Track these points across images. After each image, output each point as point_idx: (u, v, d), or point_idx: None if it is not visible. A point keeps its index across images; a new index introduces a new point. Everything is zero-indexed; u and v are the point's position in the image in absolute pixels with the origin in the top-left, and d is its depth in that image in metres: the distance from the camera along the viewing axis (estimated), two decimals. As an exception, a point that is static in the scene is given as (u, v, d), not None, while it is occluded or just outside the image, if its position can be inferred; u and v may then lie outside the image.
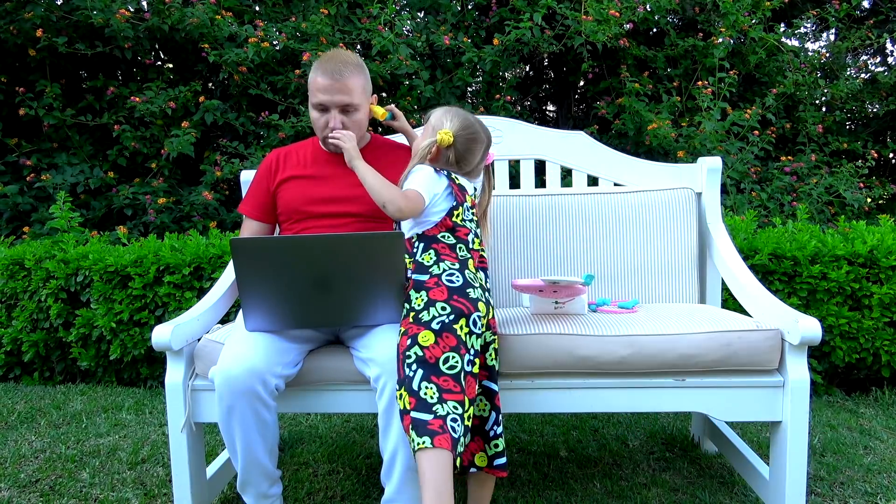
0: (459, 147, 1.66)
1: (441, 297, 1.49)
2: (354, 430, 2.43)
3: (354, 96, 1.78)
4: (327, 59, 1.79)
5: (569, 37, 4.29)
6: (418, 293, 1.52)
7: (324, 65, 1.78)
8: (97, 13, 3.90)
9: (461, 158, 1.67)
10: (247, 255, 1.43)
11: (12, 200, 3.97)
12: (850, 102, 4.94)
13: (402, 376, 1.43)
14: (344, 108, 1.79)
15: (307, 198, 1.84)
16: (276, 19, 4.45)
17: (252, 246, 1.42)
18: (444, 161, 1.68)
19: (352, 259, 1.44)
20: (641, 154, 4.08)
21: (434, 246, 1.60)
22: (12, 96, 4.18)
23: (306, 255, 1.43)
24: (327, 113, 1.79)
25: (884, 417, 2.45)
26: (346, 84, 1.77)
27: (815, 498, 1.82)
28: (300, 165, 1.89)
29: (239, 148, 4.06)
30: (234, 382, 1.48)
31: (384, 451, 1.50)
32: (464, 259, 1.59)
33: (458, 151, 1.66)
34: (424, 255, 1.59)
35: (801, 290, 2.59)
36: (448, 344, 1.44)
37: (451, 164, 1.68)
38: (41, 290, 2.97)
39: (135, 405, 2.69)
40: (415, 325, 1.47)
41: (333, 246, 1.43)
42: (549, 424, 2.44)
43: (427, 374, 1.40)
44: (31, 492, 1.94)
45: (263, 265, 1.44)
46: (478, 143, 1.69)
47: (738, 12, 4.25)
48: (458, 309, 1.48)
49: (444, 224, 1.61)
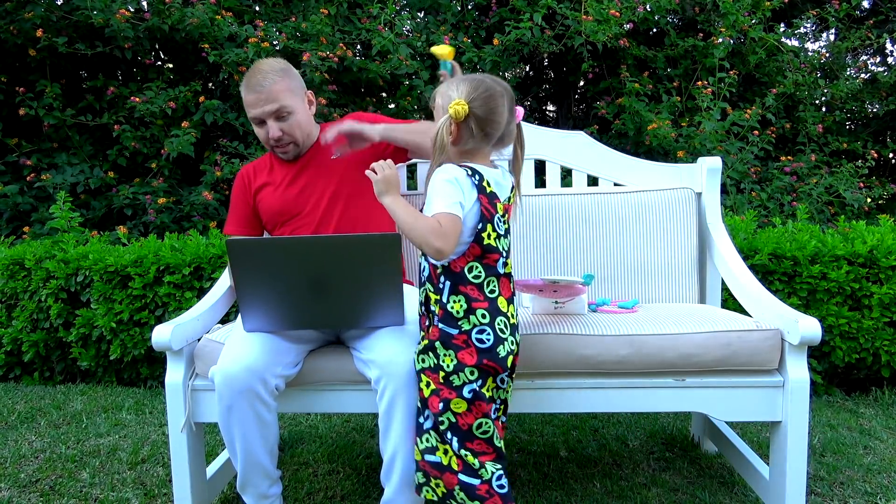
0: (479, 112, 1.39)
1: (471, 362, 1.39)
2: (354, 430, 2.43)
3: (283, 100, 1.79)
4: (249, 74, 1.81)
5: (569, 37, 4.29)
6: (447, 350, 1.40)
7: (246, 80, 1.80)
8: (97, 13, 3.90)
9: (487, 124, 1.40)
10: (243, 256, 1.43)
11: (12, 200, 3.97)
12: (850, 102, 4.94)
13: (440, 435, 1.40)
14: (277, 115, 1.80)
15: (286, 199, 1.87)
16: (276, 19, 4.45)
17: (249, 246, 1.43)
18: (469, 137, 1.41)
19: (348, 260, 1.44)
20: (641, 154, 4.08)
21: (463, 289, 1.40)
22: (12, 96, 4.18)
23: (303, 255, 1.43)
24: (263, 125, 1.82)
25: (884, 417, 2.45)
26: (270, 92, 1.78)
27: (815, 498, 1.82)
28: (269, 174, 1.93)
29: (239, 148, 4.06)
30: (233, 382, 1.48)
31: (384, 452, 1.51)
32: (494, 299, 1.42)
33: (479, 118, 1.39)
34: (454, 302, 1.41)
35: (800, 290, 2.59)
36: (480, 411, 1.40)
37: (480, 139, 1.42)
38: (41, 290, 2.97)
39: (135, 405, 2.69)
40: (445, 387, 1.40)
41: (330, 246, 1.43)
42: (549, 424, 2.44)
43: (462, 440, 1.39)
44: (31, 492, 1.94)
45: (260, 266, 1.44)
46: (497, 98, 1.41)
47: (738, 12, 4.25)
48: (486, 373, 1.40)
49: (472, 253, 1.41)
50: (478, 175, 1.41)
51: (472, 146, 1.43)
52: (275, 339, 1.57)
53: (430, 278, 1.45)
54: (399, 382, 1.47)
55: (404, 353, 1.49)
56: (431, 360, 1.42)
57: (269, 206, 1.90)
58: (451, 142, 1.41)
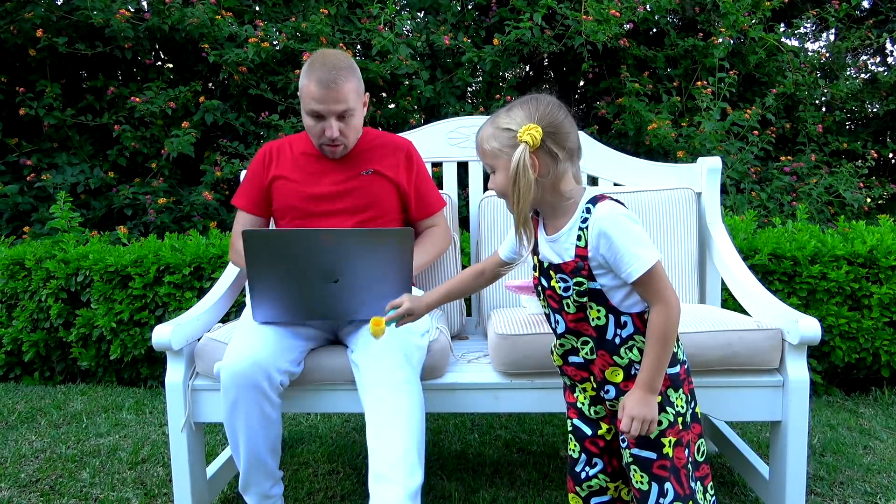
0: (551, 129, 1.20)
1: (687, 389, 1.29)
2: (354, 430, 2.43)
3: (350, 102, 1.73)
4: (319, 65, 1.72)
5: (569, 37, 4.29)
6: (676, 392, 1.26)
7: (316, 72, 1.70)
8: (97, 13, 3.90)
9: (565, 139, 1.22)
10: (259, 247, 1.44)
11: (12, 200, 3.97)
12: (850, 102, 4.94)
13: (687, 493, 1.25)
14: (340, 115, 1.74)
15: (303, 195, 1.83)
16: (276, 19, 4.45)
17: (264, 237, 1.44)
18: (552, 163, 1.22)
19: (361, 253, 1.45)
20: (641, 154, 4.08)
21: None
22: (12, 96, 4.18)
23: (317, 247, 1.44)
24: (323, 121, 1.74)
25: (883, 417, 2.45)
26: (340, 92, 1.70)
27: (815, 498, 1.82)
28: (293, 163, 1.87)
29: (239, 148, 4.06)
30: (239, 377, 1.48)
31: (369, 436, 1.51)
32: None
33: (554, 136, 1.21)
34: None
35: (800, 290, 2.59)
36: (696, 432, 1.30)
37: (565, 158, 1.23)
38: (41, 290, 2.97)
39: (135, 405, 2.69)
40: (684, 431, 1.26)
41: (344, 240, 1.44)
42: (549, 424, 2.44)
43: (694, 470, 1.29)
44: (32, 491, 1.94)
45: (274, 256, 1.46)
46: (555, 108, 1.23)
47: (738, 12, 4.25)
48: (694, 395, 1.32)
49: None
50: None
51: (560, 170, 1.23)
52: (280, 335, 1.57)
53: (637, 331, 1.25)
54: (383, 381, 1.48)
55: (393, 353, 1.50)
56: (669, 416, 1.24)
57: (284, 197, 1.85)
58: (538, 175, 1.20)
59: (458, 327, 2.10)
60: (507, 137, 1.21)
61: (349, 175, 1.84)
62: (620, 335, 1.25)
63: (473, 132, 2.25)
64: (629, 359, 1.26)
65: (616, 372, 1.27)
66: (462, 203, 3.55)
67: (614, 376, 1.28)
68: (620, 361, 1.26)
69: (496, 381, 1.66)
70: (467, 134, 2.25)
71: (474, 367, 1.75)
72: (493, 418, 2.51)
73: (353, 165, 1.86)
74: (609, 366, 1.28)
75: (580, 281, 1.25)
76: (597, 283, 1.24)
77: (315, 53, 1.77)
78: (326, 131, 1.74)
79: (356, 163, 1.86)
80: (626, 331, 1.25)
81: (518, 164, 1.18)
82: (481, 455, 2.17)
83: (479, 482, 1.96)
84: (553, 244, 1.30)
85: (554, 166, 1.22)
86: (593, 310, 1.26)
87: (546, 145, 1.20)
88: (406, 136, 2.22)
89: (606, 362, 1.28)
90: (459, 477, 2.00)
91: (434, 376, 1.66)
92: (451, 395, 1.66)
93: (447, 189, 2.25)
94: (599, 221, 1.21)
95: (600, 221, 1.21)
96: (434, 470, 2.05)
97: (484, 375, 1.69)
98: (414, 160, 1.93)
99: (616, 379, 1.28)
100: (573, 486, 1.39)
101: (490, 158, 1.26)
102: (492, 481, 1.96)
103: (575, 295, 1.26)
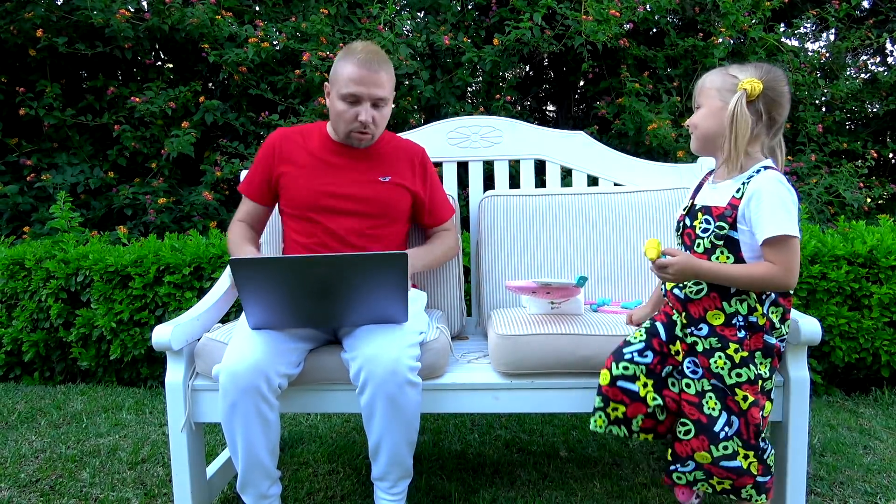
0: (771, 93, 1.36)
1: (777, 364, 1.47)
2: (354, 430, 2.43)
3: (387, 91, 1.74)
4: (360, 50, 1.71)
5: (569, 37, 4.29)
6: (765, 359, 1.43)
7: (357, 55, 1.70)
8: (97, 13, 3.90)
9: (775, 107, 1.37)
10: (248, 274, 1.43)
11: (12, 200, 3.97)
12: (850, 102, 4.93)
13: (754, 443, 1.41)
14: (375, 102, 1.73)
15: (312, 191, 1.82)
16: (276, 19, 4.45)
17: (252, 265, 1.42)
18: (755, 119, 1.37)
19: (355, 276, 1.44)
20: (641, 154, 4.08)
21: (782, 301, 1.43)
22: (12, 96, 4.18)
23: (308, 272, 1.43)
24: (357, 105, 1.72)
25: (883, 417, 2.45)
26: (380, 77, 1.71)
27: (815, 498, 1.82)
28: (305, 154, 1.85)
29: (239, 148, 4.06)
30: (238, 379, 1.48)
31: (369, 434, 1.55)
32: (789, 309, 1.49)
33: (769, 100, 1.36)
34: (775, 311, 1.43)
35: (800, 290, 2.59)
36: (764, 406, 1.45)
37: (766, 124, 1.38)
38: (41, 290, 2.97)
39: (135, 405, 2.69)
40: (761, 395, 1.43)
41: (336, 264, 1.42)
42: (549, 424, 2.44)
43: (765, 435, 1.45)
44: (32, 491, 1.94)
45: (264, 282, 1.45)
46: (784, 82, 1.38)
47: (738, 12, 4.25)
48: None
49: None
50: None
51: (756, 131, 1.38)
52: (279, 337, 1.57)
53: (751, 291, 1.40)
54: (379, 378, 1.49)
55: (389, 350, 1.51)
56: (751, 373, 1.40)
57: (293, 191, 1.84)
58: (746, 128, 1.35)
59: (458, 327, 2.10)
60: (730, 83, 1.37)
61: (366, 178, 1.84)
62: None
63: (473, 132, 2.28)
64: (736, 310, 1.40)
65: (718, 316, 1.42)
66: (462, 203, 3.55)
67: (714, 319, 1.42)
68: (728, 309, 1.41)
69: (496, 382, 1.66)
70: (467, 134, 2.25)
71: (474, 367, 1.75)
72: (493, 418, 2.51)
73: (370, 167, 1.85)
74: (714, 308, 1.42)
75: (722, 226, 1.40)
76: (736, 232, 1.39)
77: (351, 44, 1.77)
78: (361, 115, 1.72)
79: (372, 164, 1.86)
80: None
81: (735, 105, 1.34)
82: (481, 455, 2.17)
83: (478, 482, 1.96)
84: (713, 190, 1.46)
85: (754, 125, 1.36)
86: (723, 255, 1.41)
87: (757, 104, 1.35)
88: (406, 136, 2.22)
89: (715, 305, 1.42)
90: (459, 477, 2.00)
91: (434, 376, 1.66)
92: (451, 395, 1.66)
93: (447, 189, 2.25)
94: (760, 182, 1.36)
95: (760, 182, 1.36)
96: (434, 470, 2.05)
97: (484, 375, 1.69)
98: (428, 169, 1.95)
99: (715, 322, 1.42)
100: (611, 362, 1.52)
101: (703, 96, 1.42)
102: (492, 481, 1.96)
103: (713, 237, 1.41)
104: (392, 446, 1.54)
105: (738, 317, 1.40)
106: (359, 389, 1.52)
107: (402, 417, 1.52)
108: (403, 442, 1.55)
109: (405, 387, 1.50)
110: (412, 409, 1.53)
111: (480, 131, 2.25)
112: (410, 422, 1.54)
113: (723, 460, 1.41)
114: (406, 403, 1.51)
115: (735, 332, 1.41)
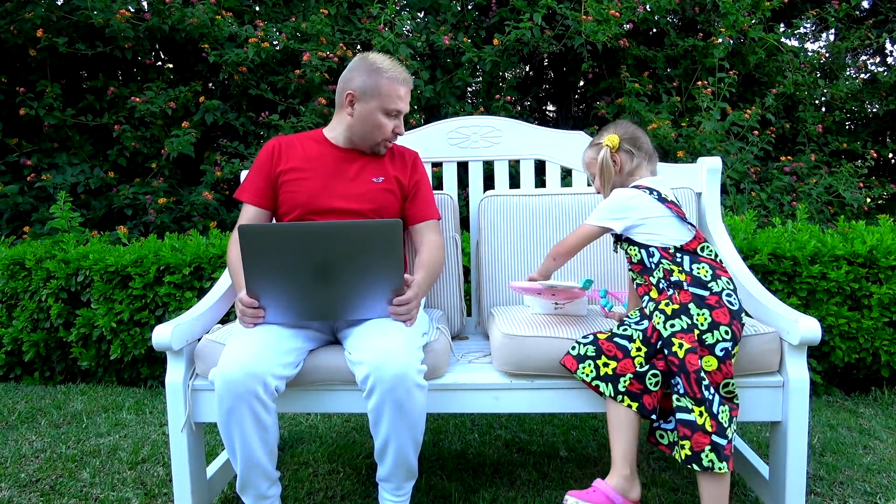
0: (626, 137, 1.72)
1: (724, 321, 1.52)
2: (354, 430, 2.43)
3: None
4: (390, 66, 1.83)
5: (569, 37, 4.29)
6: (700, 310, 1.54)
7: (393, 71, 1.82)
8: (97, 13, 3.90)
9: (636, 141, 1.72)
10: (254, 241, 1.48)
11: (12, 200, 3.97)
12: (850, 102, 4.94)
13: (699, 396, 1.48)
14: (401, 115, 1.86)
15: (312, 193, 1.83)
16: (276, 19, 4.45)
17: (259, 232, 1.48)
18: (629, 159, 1.72)
19: (353, 247, 1.49)
20: (641, 154, 4.07)
21: (703, 260, 1.61)
22: (12, 96, 4.18)
23: (310, 241, 1.48)
24: (395, 119, 1.85)
25: (883, 417, 2.45)
26: (409, 94, 1.87)
27: (815, 498, 1.82)
28: (304, 159, 1.87)
29: (239, 148, 4.06)
30: (234, 385, 1.48)
31: (376, 437, 1.55)
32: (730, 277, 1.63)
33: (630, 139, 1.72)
34: (698, 269, 1.59)
35: (800, 290, 2.59)
36: (728, 371, 1.50)
37: (639, 155, 1.72)
38: (41, 290, 2.97)
39: (135, 405, 2.69)
40: (700, 346, 1.51)
41: (336, 233, 1.49)
42: (549, 424, 2.44)
43: (721, 399, 1.48)
44: (32, 491, 1.94)
45: (269, 251, 1.49)
46: (632, 126, 1.75)
47: (738, 12, 4.25)
48: (736, 336, 1.53)
49: (698, 238, 1.66)
50: (655, 192, 1.66)
51: (635, 164, 1.72)
52: (275, 340, 1.57)
53: (662, 259, 1.61)
54: (388, 384, 1.48)
55: (396, 356, 1.50)
56: (683, 323, 1.53)
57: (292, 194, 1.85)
58: (617, 171, 1.71)
59: (458, 327, 2.11)
60: (597, 148, 1.73)
61: (361, 179, 1.87)
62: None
63: (473, 132, 2.29)
64: (658, 279, 1.63)
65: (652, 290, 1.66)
66: (462, 203, 3.55)
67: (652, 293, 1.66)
68: (653, 281, 1.66)
69: (496, 382, 1.66)
70: (467, 134, 2.25)
71: (475, 367, 1.75)
72: (493, 418, 2.51)
73: (364, 169, 1.89)
74: (647, 287, 1.67)
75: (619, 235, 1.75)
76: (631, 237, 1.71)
77: (368, 56, 1.84)
78: (399, 128, 1.86)
79: (367, 166, 1.89)
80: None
81: (602, 159, 1.71)
82: (481, 455, 2.17)
83: (478, 482, 1.96)
84: None
85: (628, 161, 1.72)
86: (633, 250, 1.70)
87: (622, 147, 1.71)
88: (406, 136, 2.23)
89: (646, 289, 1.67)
90: (459, 477, 2.00)
91: (434, 376, 1.66)
92: (451, 395, 1.66)
93: (447, 189, 2.25)
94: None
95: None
96: (434, 470, 2.05)
97: (484, 375, 1.69)
98: (418, 166, 1.98)
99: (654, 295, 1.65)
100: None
101: (588, 168, 1.79)
102: (492, 481, 1.97)
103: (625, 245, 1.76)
104: (398, 448, 1.54)
105: (661, 283, 1.61)
106: (366, 393, 1.52)
107: (409, 420, 1.52)
108: (410, 443, 1.55)
109: (413, 390, 1.50)
110: (419, 412, 1.53)
111: (480, 131, 2.26)
112: (416, 423, 1.54)
113: (679, 412, 1.50)
114: (413, 406, 1.51)
115: (665, 294, 1.59)
